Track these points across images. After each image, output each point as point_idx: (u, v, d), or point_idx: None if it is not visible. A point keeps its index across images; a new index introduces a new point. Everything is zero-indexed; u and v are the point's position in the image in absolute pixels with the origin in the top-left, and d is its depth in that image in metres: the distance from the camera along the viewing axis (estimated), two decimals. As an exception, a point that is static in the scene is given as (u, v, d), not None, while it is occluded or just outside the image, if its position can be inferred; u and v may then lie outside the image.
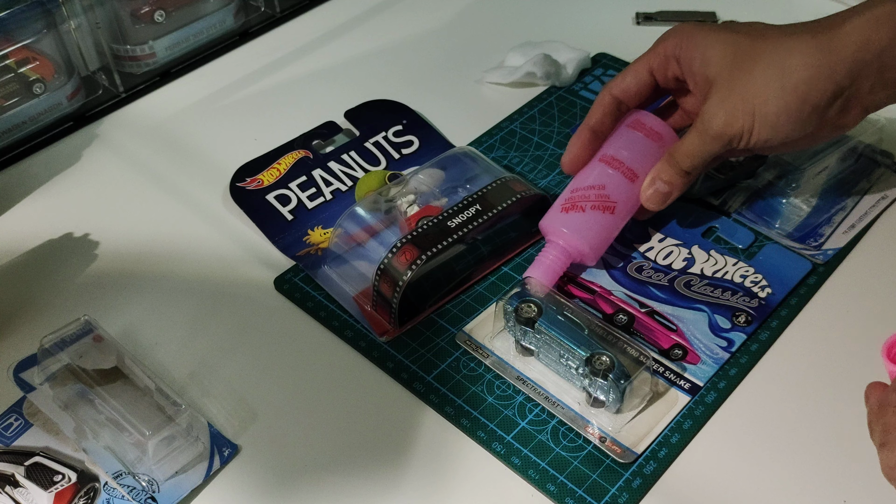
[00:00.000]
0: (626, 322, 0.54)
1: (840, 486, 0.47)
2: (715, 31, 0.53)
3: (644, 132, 0.56)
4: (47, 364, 0.50)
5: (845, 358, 0.53)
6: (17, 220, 0.64)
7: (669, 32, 0.55)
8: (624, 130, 0.56)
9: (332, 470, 0.48)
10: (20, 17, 0.68)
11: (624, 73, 0.56)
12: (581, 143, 0.56)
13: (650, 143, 0.56)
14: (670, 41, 0.55)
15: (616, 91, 0.56)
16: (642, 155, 0.55)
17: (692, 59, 0.53)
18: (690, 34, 0.54)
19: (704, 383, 0.51)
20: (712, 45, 0.53)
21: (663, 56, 0.55)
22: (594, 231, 0.54)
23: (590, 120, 0.56)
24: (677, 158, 0.54)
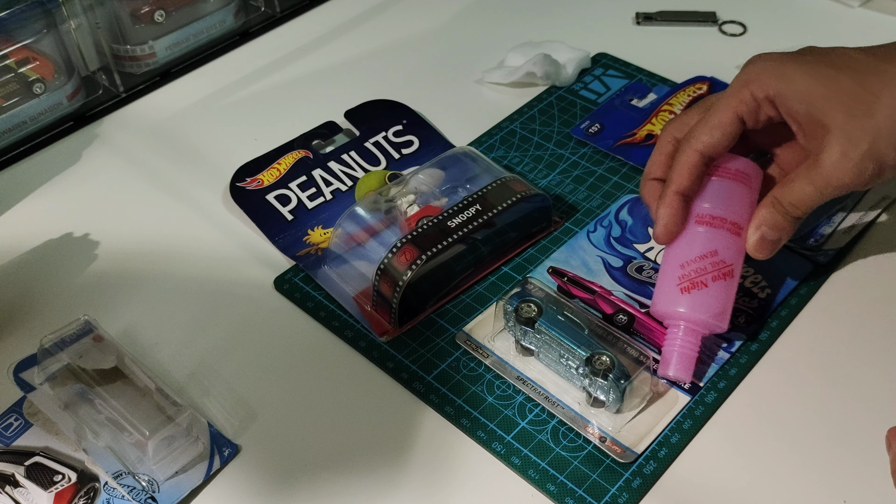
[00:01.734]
0: (626, 322, 0.54)
1: (840, 486, 0.47)
2: (809, 65, 0.49)
3: (731, 176, 0.51)
4: (47, 364, 0.50)
5: (845, 357, 0.53)
6: (17, 220, 0.64)
7: (752, 71, 0.50)
8: (713, 182, 0.51)
9: (332, 470, 0.48)
10: (20, 17, 0.68)
11: (708, 126, 0.50)
12: (674, 211, 0.50)
13: (742, 187, 0.51)
14: (758, 82, 0.49)
15: (703, 148, 0.50)
16: (739, 203, 0.51)
17: (792, 102, 0.49)
18: (781, 72, 0.49)
19: (704, 383, 0.51)
20: (814, 84, 0.48)
21: (752, 100, 0.50)
22: (721, 303, 0.50)
23: (679, 184, 0.50)
24: (787, 207, 0.49)
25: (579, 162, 0.66)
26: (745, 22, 0.80)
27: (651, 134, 0.67)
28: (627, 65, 0.75)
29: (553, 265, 0.57)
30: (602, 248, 0.58)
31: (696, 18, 0.80)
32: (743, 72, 0.51)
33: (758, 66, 0.50)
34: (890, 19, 0.79)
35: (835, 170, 0.48)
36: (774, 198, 0.50)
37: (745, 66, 0.51)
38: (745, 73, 0.50)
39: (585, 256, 0.58)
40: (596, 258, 0.58)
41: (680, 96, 0.70)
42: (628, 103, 0.71)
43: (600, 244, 0.59)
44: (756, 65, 0.50)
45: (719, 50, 0.77)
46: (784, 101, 0.49)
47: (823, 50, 0.50)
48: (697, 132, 0.50)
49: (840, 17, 0.80)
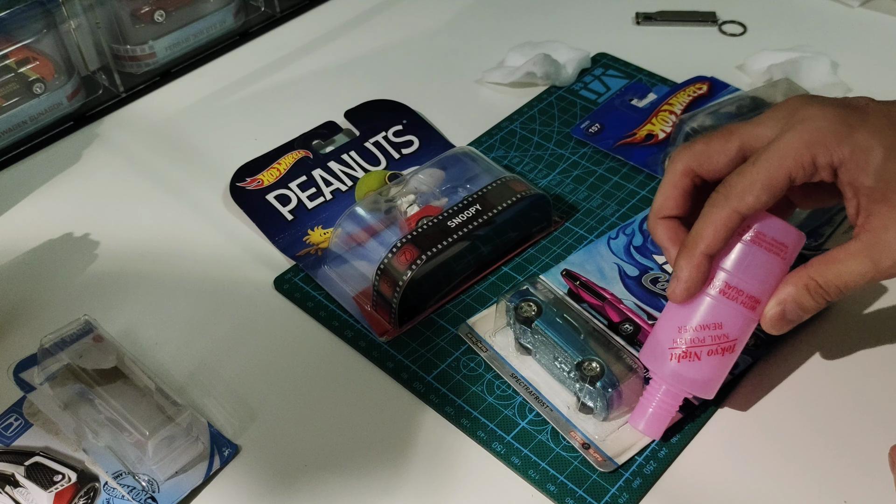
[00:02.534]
0: (631, 332, 0.53)
1: (840, 486, 0.47)
2: (881, 134, 0.43)
3: (766, 246, 0.45)
4: (47, 364, 0.50)
5: (845, 357, 0.53)
6: (17, 220, 0.64)
7: (815, 131, 0.43)
8: (743, 248, 0.45)
9: (332, 470, 0.48)
10: (20, 17, 0.68)
11: (756, 187, 0.43)
12: (700, 274, 0.45)
13: (774, 259, 0.45)
14: (824, 147, 0.43)
15: (746, 210, 0.44)
16: (766, 276, 0.45)
17: (860, 175, 0.43)
18: (852, 140, 0.43)
19: (699, 401, 0.50)
20: (888, 156, 0.43)
21: (812, 164, 0.43)
22: (711, 376, 0.46)
23: (710, 246, 0.44)
24: (827, 288, 0.44)
25: (579, 162, 0.66)
26: (745, 22, 0.80)
27: (651, 134, 0.67)
28: (627, 65, 0.75)
29: (568, 268, 0.57)
30: (621, 255, 0.58)
31: (695, 18, 0.80)
32: (801, 126, 0.44)
33: (821, 126, 0.43)
34: (890, 19, 0.79)
35: (889, 261, 0.43)
36: (810, 277, 0.44)
37: (801, 119, 0.44)
38: (804, 129, 0.44)
39: (602, 262, 0.57)
40: (612, 265, 0.57)
41: (680, 96, 0.70)
42: (628, 103, 0.71)
43: (619, 252, 0.58)
44: (817, 123, 0.44)
45: (719, 50, 0.77)
46: (851, 171, 0.43)
47: (886, 109, 0.45)
48: (742, 191, 0.44)
49: (840, 17, 0.80)
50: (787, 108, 0.45)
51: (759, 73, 0.72)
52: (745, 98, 0.64)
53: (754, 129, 0.46)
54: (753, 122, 0.46)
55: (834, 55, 0.73)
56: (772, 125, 0.45)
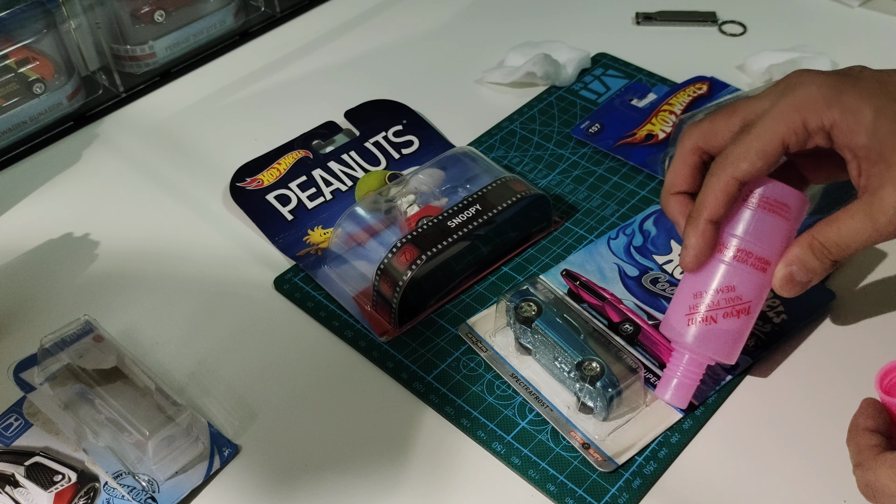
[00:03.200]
0: (631, 332, 0.53)
1: (840, 486, 0.46)
2: (871, 95, 0.44)
3: (769, 208, 0.46)
4: (47, 364, 0.50)
5: (845, 356, 0.53)
6: (17, 220, 0.64)
7: (804, 96, 0.45)
8: (748, 212, 0.46)
9: (332, 470, 0.48)
10: (20, 17, 0.68)
11: (750, 153, 0.45)
12: (707, 241, 0.46)
13: (779, 220, 0.46)
14: (813, 111, 0.44)
15: (743, 176, 0.45)
16: (772, 237, 0.46)
17: (853, 135, 0.44)
18: (841, 102, 0.44)
19: (700, 402, 0.50)
20: (880, 117, 0.44)
21: (804, 129, 0.45)
22: (731, 340, 0.47)
23: (712, 213, 0.46)
24: (829, 247, 0.45)
25: (579, 162, 0.66)
26: (745, 22, 0.80)
27: (651, 134, 0.67)
28: (627, 65, 0.75)
29: (568, 268, 0.57)
30: (621, 255, 0.58)
31: (695, 18, 0.80)
32: (792, 94, 0.45)
33: (811, 91, 0.45)
34: (890, 19, 0.79)
35: (885, 216, 0.44)
36: (813, 237, 0.46)
37: (792, 87, 0.46)
38: (795, 96, 0.45)
39: (602, 262, 0.57)
40: (612, 265, 0.57)
41: (680, 96, 0.70)
42: (628, 103, 0.71)
43: (619, 252, 0.58)
44: (807, 88, 0.45)
45: (719, 50, 0.77)
46: (843, 133, 0.44)
47: (878, 75, 0.46)
48: (737, 158, 0.45)
49: (840, 17, 0.80)
50: (784, 80, 0.47)
51: (758, 73, 0.72)
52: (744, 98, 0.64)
53: (755, 103, 0.47)
54: (755, 97, 0.48)
55: (834, 55, 0.73)
56: (770, 98, 0.47)
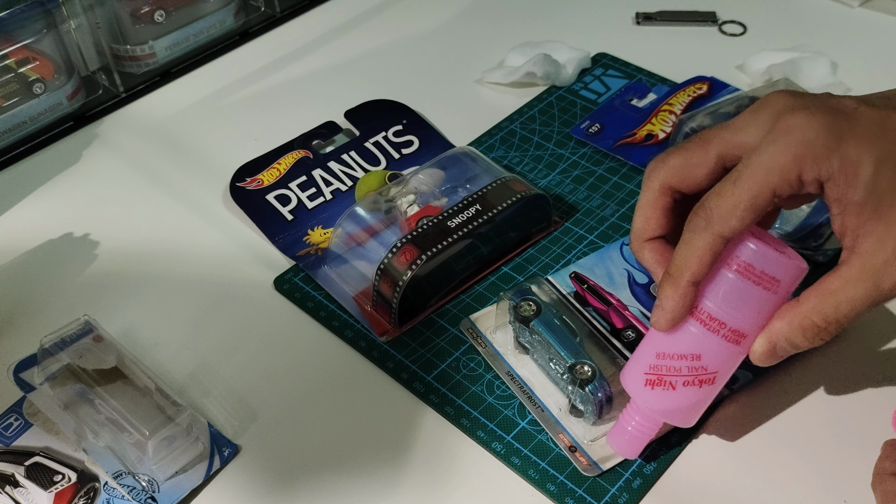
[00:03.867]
0: (633, 339, 0.53)
1: (840, 486, 0.47)
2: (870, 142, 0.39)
3: (754, 279, 0.41)
4: (47, 364, 0.50)
5: (845, 356, 0.53)
6: (17, 220, 0.64)
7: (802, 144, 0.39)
8: (729, 279, 0.41)
9: (332, 470, 0.48)
10: (20, 17, 0.68)
11: (739, 209, 0.40)
12: (685, 303, 0.42)
13: (764, 293, 0.41)
14: (812, 162, 0.39)
15: (731, 233, 0.40)
16: (752, 311, 0.42)
17: (849, 188, 0.39)
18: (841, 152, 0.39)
19: None
20: (878, 168, 0.39)
21: (798, 180, 0.39)
22: (687, 408, 0.44)
23: (695, 273, 0.41)
24: (826, 324, 0.40)
25: (579, 162, 0.66)
26: (745, 22, 0.80)
27: (651, 134, 0.67)
28: (627, 65, 0.75)
29: (577, 270, 0.57)
30: (632, 262, 0.57)
31: (695, 18, 0.80)
32: (788, 139, 0.39)
33: (808, 137, 0.39)
34: (890, 19, 0.79)
35: (892, 281, 0.39)
36: (805, 315, 0.41)
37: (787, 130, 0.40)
38: (791, 142, 0.39)
39: (612, 267, 0.57)
40: (622, 271, 0.57)
41: (680, 96, 0.70)
42: (628, 103, 0.71)
43: (631, 258, 0.58)
44: (804, 133, 0.39)
45: (719, 50, 0.77)
46: (839, 186, 0.39)
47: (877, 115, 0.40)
48: (724, 214, 0.40)
49: (840, 17, 0.80)
50: (768, 111, 0.41)
51: (758, 73, 0.72)
52: (744, 98, 0.64)
53: (734, 137, 0.42)
54: (732, 126, 0.42)
55: (834, 55, 0.73)
56: (753, 132, 0.41)
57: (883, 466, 0.42)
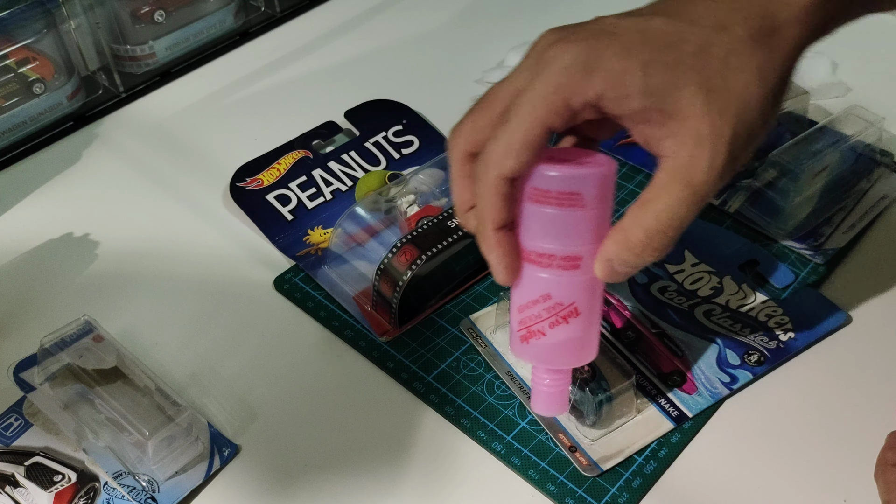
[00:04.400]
0: (632, 339, 0.53)
1: (840, 486, 0.47)
2: (633, 51, 0.38)
3: (556, 202, 0.39)
4: (47, 364, 0.50)
5: (845, 356, 0.53)
6: (17, 220, 0.64)
7: (560, 72, 0.38)
8: (532, 210, 0.40)
9: (332, 470, 0.48)
10: (20, 17, 0.68)
11: (512, 148, 0.38)
12: (503, 249, 0.40)
13: (571, 212, 0.39)
14: (574, 88, 0.38)
15: (511, 173, 0.39)
16: (571, 232, 0.40)
17: (625, 100, 0.38)
18: (604, 68, 0.38)
19: (693, 415, 0.50)
20: (647, 72, 0.37)
21: (567, 108, 0.38)
22: (571, 346, 0.42)
23: (494, 219, 0.40)
24: (650, 238, 0.39)
25: (579, 162, 0.66)
26: (745, 22, 0.79)
27: (651, 134, 0.67)
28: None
29: None
30: None
31: (696, 18, 0.80)
32: (546, 71, 0.39)
33: (567, 65, 0.38)
34: (890, 19, 0.79)
35: (702, 173, 0.38)
36: (628, 233, 0.39)
37: (545, 61, 0.39)
38: (549, 73, 0.38)
39: None
40: None
41: (680, 96, 0.70)
42: (628, 103, 0.71)
43: None
44: (563, 62, 0.38)
45: (719, 50, 0.77)
46: (614, 102, 0.38)
47: (637, 24, 0.39)
48: (500, 157, 0.39)
49: (840, 17, 0.80)
50: (534, 51, 0.41)
51: (759, 73, 0.72)
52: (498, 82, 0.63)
53: (510, 86, 0.41)
54: (507, 77, 0.42)
55: (834, 55, 0.73)
56: (524, 75, 0.40)
57: (886, 457, 0.43)
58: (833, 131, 0.62)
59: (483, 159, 0.40)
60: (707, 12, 0.39)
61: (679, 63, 0.37)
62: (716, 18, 0.38)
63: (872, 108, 0.63)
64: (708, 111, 0.37)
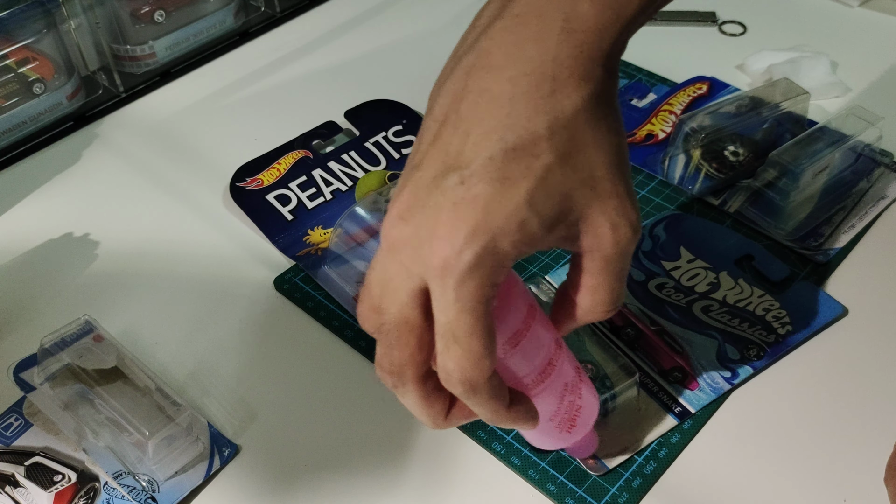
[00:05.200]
0: (632, 336, 0.53)
1: (840, 486, 0.47)
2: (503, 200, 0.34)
3: (525, 329, 0.38)
4: (47, 364, 0.50)
5: (845, 355, 0.53)
6: (17, 220, 0.64)
7: (463, 273, 0.33)
8: (516, 358, 0.39)
9: (332, 470, 0.48)
10: (20, 17, 0.68)
11: (482, 356, 0.35)
12: (524, 411, 0.40)
13: (536, 325, 0.39)
14: (485, 273, 0.34)
15: (491, 370, 0.36)
16: (543, 336, 0.40)
17: (538, 243, 0.35)
18: (493, 241, 0.34)
19: (696, 411, 0.50)
20: (532, 206, 0.34)
21: (495, 287, 0.35)
22: (594, 398, 0.44)
23: (505, 405, 0.38)
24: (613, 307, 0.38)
25: (579, 162, 0.66)
26: (745, 22, 0.80)
27: (651, 134, 0.67)
28: (627, 64, 0.75)
29: None
30: None
31: (695, 18, 0.80)
32: (458, 277, 0.34)
33: (470, 262, 0.33)
34: (890, 19, 0.79)
35: (628, 244, 0.37)
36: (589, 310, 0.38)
37: (447, 267, 0.34)
38: (462, 277, 0.34)
39: None
40: None
41: (680, 96, 0.70)
42: (628, 103, 0.71)
43: None
44: (464, 259, 0.33)
45: (719, 50, 0.77)
46: (530, 250, 0.35)
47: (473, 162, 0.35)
48: (476, 369, 0.35)
49: (840, 17, 0.80)
50: (404, 256, 0.36)
51: (758, 73, 0.72)
52: (744, 98, 0.64)
53: (406, 307, 0.36)
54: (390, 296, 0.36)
55: (834, 55, 0.73)
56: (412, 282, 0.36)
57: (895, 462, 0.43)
58: (833, 131, 0.62)
59: (462, 379, 0.35)
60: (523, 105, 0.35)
61: (548, 176, 0.34)
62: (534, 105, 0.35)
63: (872, 108, 0.63)
64: (599, 197, 0.36)
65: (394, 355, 0.37)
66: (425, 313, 0.36)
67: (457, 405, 0.39)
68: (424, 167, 0.36)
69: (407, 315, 0.36)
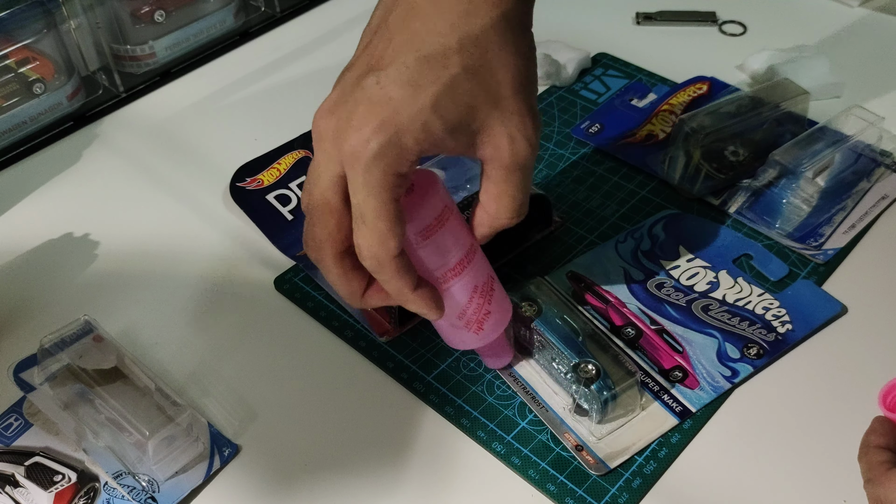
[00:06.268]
0: (632, 336, 0.53)
1: (840, 486, 0.47)
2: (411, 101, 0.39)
3: (438, 225, 0.43)
4: (47, 364, 0.50)
5: (845, 356, 0.53)
6: (17, 220, 0.64)
7: (369, 158, 0.39)
8: (428, 249, 0.44)
9: (332, 470, 0.48)
10: (20, 17, 0.68)
11: (386, 233, 0.40)
12: (429, 297, 0.44)
13: (451, 222, 0.44)
14: (390, 161, 0.39)
15: (398, 248, 0.41)
16: (459, 234, 0.45)
17: (440, 143, 0.40)
18: (398, 135, 0.39)
19: (697, 410, 0.50)
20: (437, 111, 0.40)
21: (401, 177, 0.40)
22: (506, 302, 0.48)
23: (411, 286, 0.43)
24: (497, 225, 0.44)
25: (579, 162, 0.66)
26: (745, 22, 0.80)
27: (651, 134, 0.67)
28: (627, 65, 0.75)
29: (574, 269, 0.57)
30: (627, 259, 0.58)
31: (696, 18, 0.80)
32: (364, 162, 0.39)
33: (375, 151, 0.39)
34: (890, 19, 0.79)
35: (527, 159, 0.43)
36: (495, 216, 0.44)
37: (353, 152, 0.39)
38: (369, 163, 0.39)
39: (608, 265, 0.57)
40: (619, 269, 0.57)
41: (680, 96, 0.70)
42: (628, 103, 0.71)
43: (626, 255, 0.58)
44: (371, 147, 0.39)
45: (719, 50, 0.77)
46: (432, 150, 0.40)
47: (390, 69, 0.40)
48: (382, 245, 0.40)
49: (840, 17, 0.80)
50: (325, 141, 0.42)
51: (758, 73, 0.72)
52: (744, 98, 0.64)
53: (323, 183, 0.42)
54: (314, 177, 0.42)
55: (834, 55, 0.73)
56: (331, 169, 0.42)
57: (868, 439, 0.44)
58: (833, 131, 0.62)
59: (370, 255, 0.41)
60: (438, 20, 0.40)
61: (455, 85, 0.40)
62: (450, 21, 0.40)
63: (872, 108, 0.63)
64: (502, 112, 0.41)
65: (315, 232, 0.42)
66: (344, 197, 0.41)
67: (373, 286, 0.44)
68: (353, 68, 0.42)
69: (328, 197, 0.41)
